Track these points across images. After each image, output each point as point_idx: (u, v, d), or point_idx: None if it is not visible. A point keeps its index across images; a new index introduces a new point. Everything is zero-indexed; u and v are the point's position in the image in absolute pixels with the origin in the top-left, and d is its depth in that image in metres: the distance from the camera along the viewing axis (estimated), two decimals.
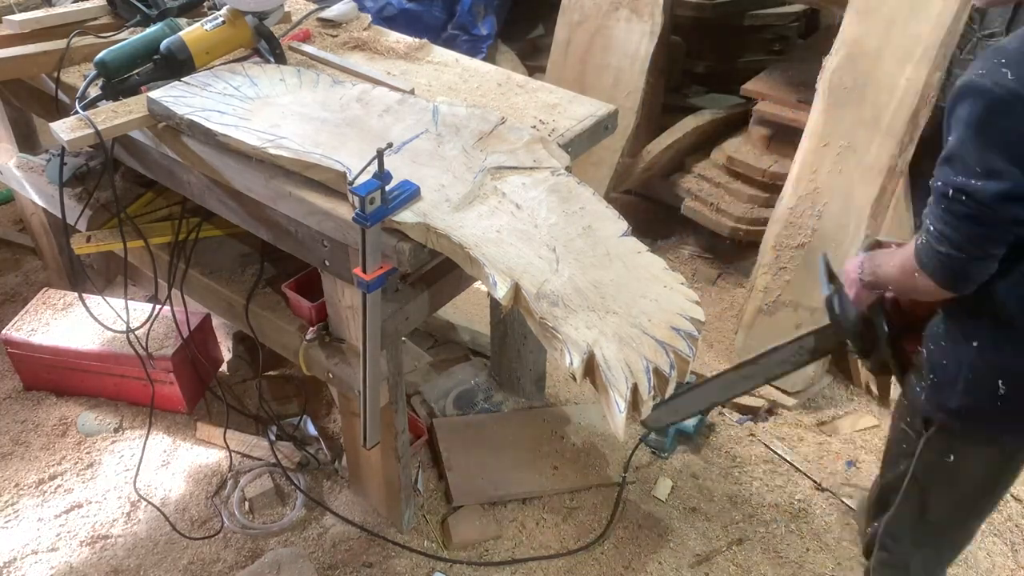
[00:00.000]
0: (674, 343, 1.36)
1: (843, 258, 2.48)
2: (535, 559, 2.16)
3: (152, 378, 2.33)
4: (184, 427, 2.51)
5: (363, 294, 1.53)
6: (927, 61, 2.30)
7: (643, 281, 1.46)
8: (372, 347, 1.64)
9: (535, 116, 1.89)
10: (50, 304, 2.59)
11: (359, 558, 2.16)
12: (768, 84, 3.01)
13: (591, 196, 1.60)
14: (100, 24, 2.14)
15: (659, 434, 2.46)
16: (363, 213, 1.40)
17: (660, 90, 3.46)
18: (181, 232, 2.10)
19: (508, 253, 1.44)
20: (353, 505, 2.29)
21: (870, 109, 2.40)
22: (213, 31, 1.86)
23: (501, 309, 1.41)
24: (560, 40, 3.22)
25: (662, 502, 2.34)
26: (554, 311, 1.36)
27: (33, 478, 2.33)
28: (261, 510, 2.28)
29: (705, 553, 2.22)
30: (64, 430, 2.48)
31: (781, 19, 3.95)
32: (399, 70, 2.07)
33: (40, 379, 2.58)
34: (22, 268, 3.10)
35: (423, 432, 2.43)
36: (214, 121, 1.66)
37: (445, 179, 1.59)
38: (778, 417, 2.65)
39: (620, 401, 1.27)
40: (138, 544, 2.18)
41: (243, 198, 1.78)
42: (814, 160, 2.51)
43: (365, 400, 1.74)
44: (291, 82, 1.86)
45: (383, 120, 1.75)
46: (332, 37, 2.22)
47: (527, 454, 2.40)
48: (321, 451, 2.41)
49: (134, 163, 2.04)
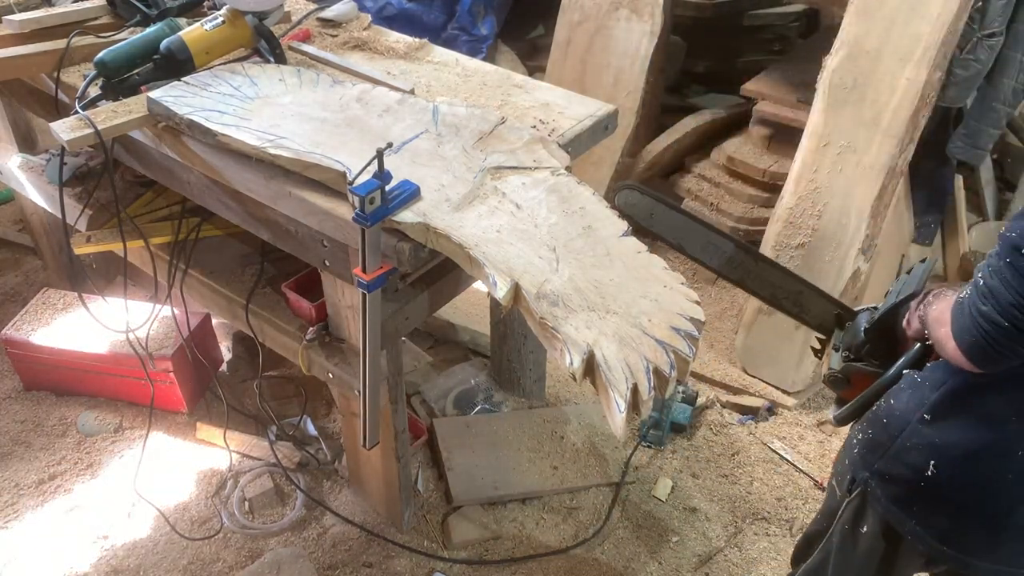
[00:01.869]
0: (674, 343, 1.36)
1: (842, 257, 2.50)
2: (535, 557, 2.17)
3: (152, 378, 2.33)
4: (184, 427, 2.51)
5: (363, 294, 1.53)
6: (927, 61, 2.30)
7: (643, 281, 1.45)
8: (372, 347, 1.64)
9: (535, 116, 1.89)
10: (50, 304, 2.59)
11: (359, 558, 2.16)
12: (768, 84, 3.01)
13: (591, 196, 1.60)
14: (100, 24, 2.13)
15: (655, 428, 2.46)
16: (363, 213, 1.40)
17: (660, 90, 3.46)
18: (181, 232, 2.10)
19: (508, 253, 1.44)
20: (353, 505, 2.29)
21: (870, 109, 2.40)
22: (213, 31, 1.86)
23: (501, 309, 1.41)
24: (560, 40, 3.22)
25: (662, 502, 2.34)
26: (554, 311, 1.36)
27: (33, 478, 2.33)
28: (261, 510, 2.28)
29: (705, 553, 2.22)
30: (64, 430, 2.48)
31: (781, 19, 3.96)
32: (399, 70, 2.07)
33: (40, 379, 2.58)
34: (22, 268, 3.10)
35: (423, 432, 2.43)
36: (214, 121, 1.66)
37: (445, 179, 1.59)
38: (778, 417, 2.65)
39: (620, 401, 1.27)
40: (138, 544, 2.18)
41: (243, 198, 1.78)
42: (814, 160, 2.51)
43: (365, 400, 1.74)
44: (291, 82, 1.86)
45: (383, 120, 1.75)
46: (332, 37, 2.21)
47: (527, 454, 2.40)
48: (321, 451, 2.41)
49: (134, 163, 2.04)
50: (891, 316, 1.43)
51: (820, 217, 2.51)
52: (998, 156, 3.54)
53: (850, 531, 1.45)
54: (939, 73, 2.34)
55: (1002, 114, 2.60)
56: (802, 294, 1.64)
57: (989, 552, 1.30)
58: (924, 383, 1.30)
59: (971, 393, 1.23)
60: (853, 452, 1.42)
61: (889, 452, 1.33)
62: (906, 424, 1.30)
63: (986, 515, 1.27)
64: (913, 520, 1.32)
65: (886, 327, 1.45)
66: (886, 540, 1.39)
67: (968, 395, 1.24)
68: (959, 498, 1.28)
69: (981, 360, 1.14)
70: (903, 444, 1.31)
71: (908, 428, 1.30)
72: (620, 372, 1.29)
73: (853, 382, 1.48)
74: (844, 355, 1.51)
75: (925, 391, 1.29)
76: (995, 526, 1.27)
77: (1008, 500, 1.25)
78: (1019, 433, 1.21)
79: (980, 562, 1.31)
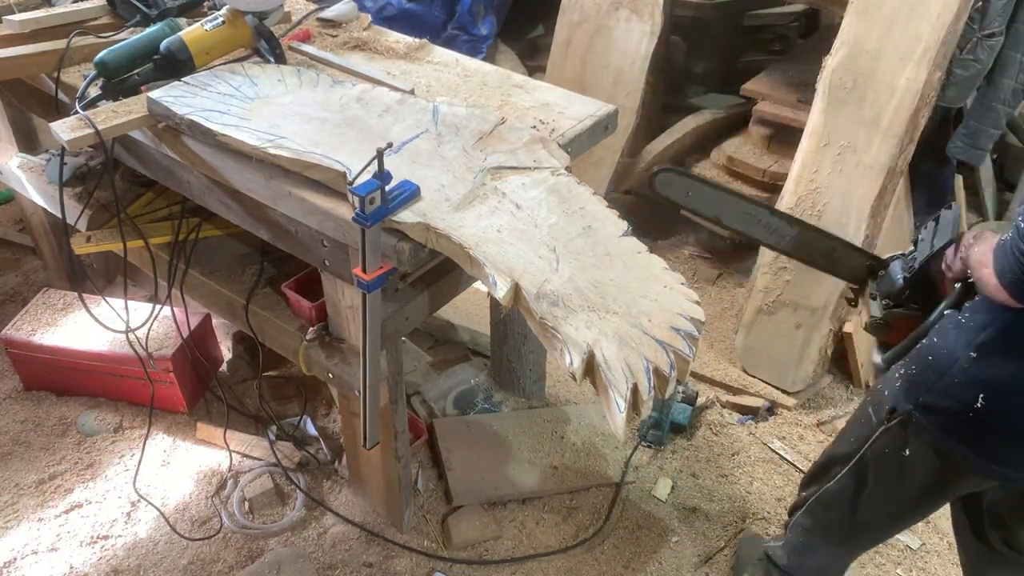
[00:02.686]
0: (674, 343, 1.36)
1: None
2: (535, 557, 2.17)
3: (152, 378, 2.33)
4: (184, 427, 2.51)
5: (363, 294, 1.53)
6: (927, 61, 2.30)
7: (643, 281, 1.46)
8: (372, 347, 1.64)
9: (535, 116, 1.89)
10: (50, 304, 2.59)
11: (359, 558, 2.16)
12: (768, 84, 3.02)
13: (591, 196, 1.60)
14: (100, 24, 2.14)
15: (655, 428, 2.47)
16: (363, 213, 1.40)
17: (660, 90, 3.46)
18: (181, 232, 2.10)
19: (508, 253, 1.44)
20: (353, 505, 2.29)
21: (870, 109, 2.40)
22: (213, 31, 1.86)
23: (501, 309, 1.41)
24: (560, 40, 3.22)
25: (662, 502, 2.34)
26: (554, 311, 1.36)
27: (33, 478, 2.33)
28: (261, 510, 2.28)
29: (705, 553, 2.22)
30: (64, 430, 2.48)
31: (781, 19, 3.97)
32: (399, 70, 2.07)
33: (40, 379, 2.58)
34: (22, 268, 3.10)
35: (423, 432, 2.43)
36: (214, 121, 1.66)
37: (445, 179, 1.59)
38: (778, 417, 2.66)
39: (620, 401, 1.27)
40: (138, 544, 2.18)
41: (243, 198, 1.78)
42: (814, 160, 2.51)
43: (365, 400, 1.75)
44: (291, 82, 1.86)
45: (383, 120, 1.75)
46: (332, 37, 2.22)
47: (527, 454, 2.40)
48: (321, 451, 2.41)
49: (134, 163, 2.04)
50: (933, 263, 1.55)
51: (820, 217, 2.51)
52: (998, 156, 3.53)
53: (891, 454, 1.56)
54: (939, 73, 2.34)
55: (1002, 114, 2.60)
56: (835, 250, 1.76)
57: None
58: (970, 324, 1.40)
59: (1015, 332, 1.33)
60: (895, 386, 1.52)
61: (936, 387, 1.44)
62: (953, 362, 1.41)
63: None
64: (963, 445, 1.44)
65: (927, 273, 1.56)
66: (934, 462, 1.51)
67: (1012, 335, 1.34)
68: (1006, 426, 1.40)
69: (1020, 291, 1.25)
70: (950, 380, 1.41)
71: (955, 365, 1.40)
72: (620, 372, 1.29)
73: (894, 326, 1.61)
74: (884, 303, 1.64)
75: (971, 332, 1.39)
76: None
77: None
78: None
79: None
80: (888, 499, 1.65)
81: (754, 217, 1.77)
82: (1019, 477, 1.46)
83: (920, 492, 1.58)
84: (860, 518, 1.71)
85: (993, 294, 1.31)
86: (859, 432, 1.65)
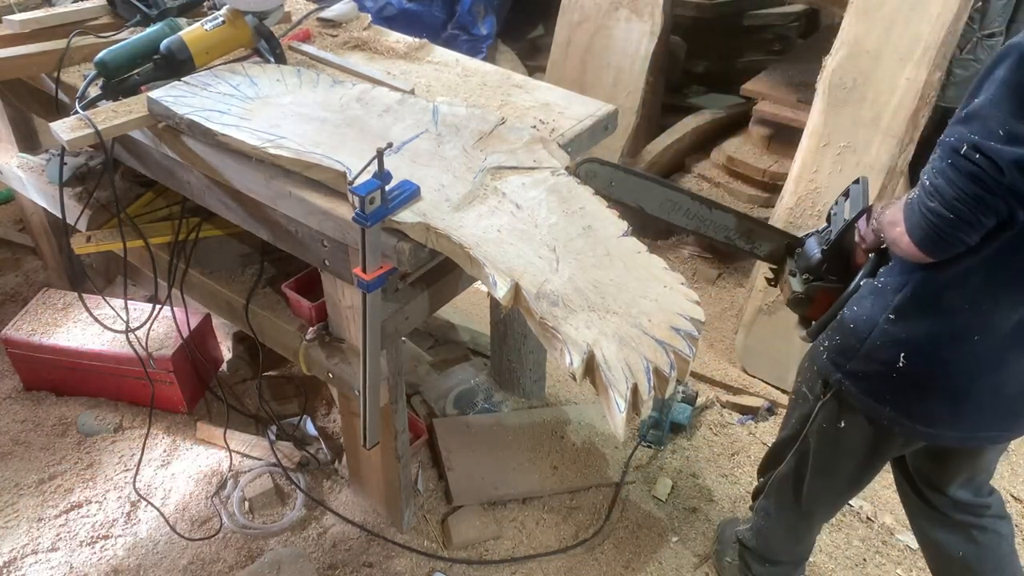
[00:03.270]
0: (674, 343, 1.36)
1: None
2: (535, 557, 2.17)
3: (152, 378, 2.33)
4: (184, 427, 2.51)
5: (363, 294, 1.53)
6: (927, 61, 2.30)
7: (643, 281, 1.46)
8: (372, 347, 1.64)
9: (535, 116, 1.89)
10: (50, 304, 2.59)
11: (359, 558, 2.16)
12: (768, 84, 3.02)
13: (591, 196, 1.61)
14: (100, 24, 2.14)
15: (655, 428, 2.47)
16: (363, 213, 1.40)
17: (660, 90, 3.46)
18: (181, 232, 2.10)
19: (508, 253, 1.44)
20: (353, 505, 2.29)
21: (870, 109, 2.40)
22: (213, 31, 1.86)
23: (501, 309, 1.41)
24: (560, 40, 3.23)
25: (662, 502, 2.34)
26: (554, 311, 1.36)
27: (33, 478, 2.33)
28: (261, 510, 2.28)
29: (705, 553, 2.22)
30: (64, 430, 2.48)
31: (781, 19, 3.97)
32: (399, 70, 2.07)
33: (40, 379, 2.58)
34: (22, 268, 3.10)
35: (423, 432, 2.43)
36: (214, 121, 1.66)
37: (445, 179, 1.59)
38: (778, 416, 2.65)
39: (620, 401, 1.27)
40: (138, 544, 2.18)
41: (243, 198, 1.78)
42: (814, 160, 2.51)
43: (365, 400, 1.75)
44: (291, 82, 1.86)
45: (383, 120, 1.75)
46: (332, 37, 2.22)
47: (527, 454, 2.40)
48: (321, 451, 2.41)
49: (134, 163, 2.04)
50: (847, 234, 1.61)
51: (820, 217, 2.51)
52: None
53: (829, 428, 1.62)
54: (939, 73, 2.34)
55: None
56: (753, 232, 1.81)
57: (954, 424, 1.48)
58: (886, 288, 1.45)
59: (928, 291, 1.39)
60: (822, 359, 1.57)
61: (860, 353, 1.48)
62: (873, 326, 1.46)
63: (950, 393, 1.45)
64: (888, 407, 1.50)
65: (842, 245, 1.62)
66: (866, 430, 1.56)
67: (926, 293, 1.39)
68: (927, 382, 1.45)
69: (932, 249, 1.31)
70: (872, 344, 1.46)
71: (876, 329, 1.45)
72: (620, 372, 1.29)
73: (815, 300, 1.67)
74: (804, 277, 1.68)
75: (887, 295, 1.44)
76: (957, 401, 1.45)
77: (967, 378, 1.42)
78: (971, 320, 1.37)
79: (948, 432, 1.50)
80: (830, 472, 1.70)
81: (675, 204, 1.80)
82: (941, 435, 1.51)
83: (857, 461, 1.64)
84: (809, 493, 1.76)
85: (906, 251, 1.35)
86: (800, 411, 1.70)
